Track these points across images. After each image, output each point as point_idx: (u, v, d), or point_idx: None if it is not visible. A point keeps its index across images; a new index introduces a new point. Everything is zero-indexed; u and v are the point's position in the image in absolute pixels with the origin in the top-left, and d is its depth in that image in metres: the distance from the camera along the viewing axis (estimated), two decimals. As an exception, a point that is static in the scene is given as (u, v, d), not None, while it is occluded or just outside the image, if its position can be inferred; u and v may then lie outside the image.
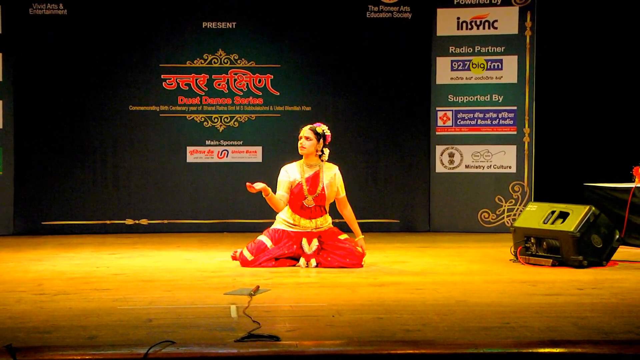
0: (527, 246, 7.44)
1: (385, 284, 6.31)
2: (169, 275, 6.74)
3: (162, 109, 10.07)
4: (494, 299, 5.66)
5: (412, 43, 10.16)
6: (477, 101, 10.18)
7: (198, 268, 7.14)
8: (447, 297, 5.69)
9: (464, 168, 10.23)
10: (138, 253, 8.19)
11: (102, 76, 9.96)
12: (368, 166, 10.24)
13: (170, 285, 6.20)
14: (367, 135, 10.23)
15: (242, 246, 7.95)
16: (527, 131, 10.10)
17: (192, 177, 10.15)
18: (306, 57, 10.16)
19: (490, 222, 10.18)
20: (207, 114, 10.12)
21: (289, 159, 9.59)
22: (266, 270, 6.96)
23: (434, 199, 10.27)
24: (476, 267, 7.26)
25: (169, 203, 10.11)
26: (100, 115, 9.99)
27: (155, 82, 10.05)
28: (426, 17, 10.15)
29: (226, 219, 10.16)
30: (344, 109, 10.19)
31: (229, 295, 5.75)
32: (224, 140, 10.15)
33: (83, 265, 7.35)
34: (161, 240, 9.25)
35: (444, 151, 10.24)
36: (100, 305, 5.39)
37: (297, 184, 7.32)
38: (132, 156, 10.06)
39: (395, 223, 10.26)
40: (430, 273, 6.89)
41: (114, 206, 10.05)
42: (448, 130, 10.23)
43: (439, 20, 10.16)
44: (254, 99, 10.15)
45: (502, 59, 10.13)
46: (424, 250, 8.46)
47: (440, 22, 10.16)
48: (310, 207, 7.30)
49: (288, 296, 5.82)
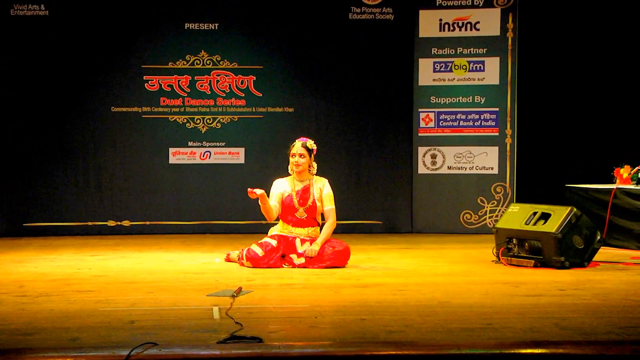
0: (509, 247, 7.46)
1: (368, 285, 6.32)
2: (151, 276, 6.73)
3: (145, 110, 10.04)
4: (477, 300, 5.67)
5: (394, 44, 10.17)
6: (459, 102, 10.20)
7: (180, 269, 7.13)
8: (429, 299, 5.70)
9: (446, 169, 10.25)
10: (120, 254, 8.16)
11: (84, 77, 9.92)
12: (351, 167, 10.25)
13: (153, 287, 6.19)
14: (350, 137, 10.23)
15: (225, 248, 7.94)
16: (509, 132, 10.14)
17: (175, 178, 10.13)
18: (289, 58, 10.15)
19: (472, 223, 10.21)
20: (189, 115, 10.10)
21: (271, 160, 9.63)
22: (249, 270, 6.96)
23: (416, 200, 10.29)
24: (458, 268, 7.28)
25: (151, 204, 10.09)
26: (83, 116, 9.95)
27: (137, 83, 10.02)
28: (408, 18, 10.16)
29: (209, 221, 10.14)
30: (326, 111, 10.19)
31: (212, 296, 5.74)
32: (207, 141, 10.13)
33: (65, 266, 7.32)
34: (143, 242, 9.22)
35: (427, 152, 10.26)
36: (83, 307, 5.37)
37: (287, 195, 7.34)
38: (114, 157, 10.03)
39: (378, 224, 10.27)
40: (412, 274, 6.90)
41: (96, 208, 10.01)
42: (430, 132, 10.24)
43: (422, 22, 10.18)
44: (236, 100, 10.14)
45: (484, 61, 10.16)
46: (407, 252, 8.48)
47: (422, 23, 10.18)
48: (302, 218, 7.34)
49: (271, 297, 5.81)
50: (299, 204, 7.31)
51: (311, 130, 9.67)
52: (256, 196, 7.21)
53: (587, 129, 10.43)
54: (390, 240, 9.47)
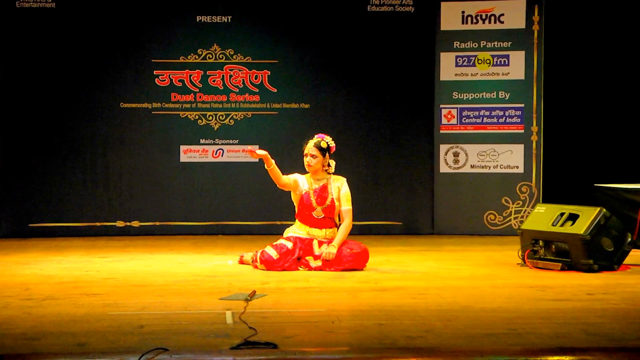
0: (535, 249, 7.45)
1: (386, 288, 6.32)
2: (162, 279, 6.75)
3: (155, 107, 10.07)
4: (500, 304, 5.66)
5: (415, 38, 10.16)
6: (483, 98, 10.18)
7: (192, 272, 7.14)
8: (451, 303, 5.70)
9: (469, 168, 10.23)
10: (129, 256, 8.19)
11: (92, 72, 9.96)
12: (369, 166, 10.25)
13: (163, 290, 6.20)
14: (368, 134, 10.23)
15: (238, 249, 7.95)
16: (535, 129, 10.11)
17: (186, 177, 10.15)
18: (305, 52, 10.16)
19: (496, 224, 10.19)
20: (201, 112, 10.12)
21: (286, 158, 9.61)
22: (263, 273, 6.96)
23: (437, 200, 10.28)
24: (482, 271, 7.27)
25: (161, 204, 10.11)
26: (90, 113, 9.99)
27: (147, 78, 10.05)
28: (429, 10, 10.15)
29: (221, 221, 10.15)
30: (343, 107, 10.19)
31: (224, 300, 5.75)
32: (219, 138, 10.15)
33: (72, 269, 7.35)
34: (153, 243, 9.25)
35: (449, 150, 10.25)
36: (90, 310, 5.39)
37: (305, 193, 7.34)
38: (123, 155, 10.06)
39: (398, 225, 10.26)
40: (433, 277, 6.89)
41: (104, 208, 10.05)
42: (452, 129, 10.23)
43: (443, 14, 10.17)
44: (250, 95, 10.15)
45: (508, 55, 10.13)
46: (427, 254, 8.47)
47: (444, 15, 10.17)
48: (319, 218, 7.34)
49: (286, 301, 5.82)
50: (317, 202, 7.31)
51: (328, 127, 9.67)
52: (257, 157, 7.18)
53: (616, 126, 10.39)
54: (410, 242, 9.46)
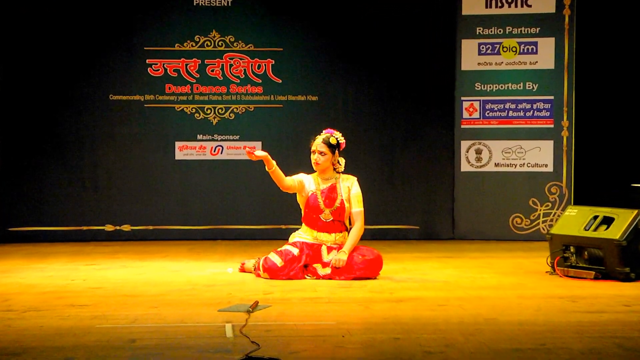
0: (566, 256, 7.43)
1: (402, 299, 6.31)
2: (155, 289, 6.75)
3: (147, 99, 10.08)
4: (528, 316, 5.65)
5: (434, 23, 10.15)
6: (508, 90, 10.17)
7: (188, 281, 7.15)
8: (473, 315, 5.69)
9: (493, 166, 10.22)
10: (119, 264, 8.19)
11: (78, 61, 9.96)
12: (383, 165, 10.24)
13: (157, 301, 6.21)
14: (382, 129, 10.22)
15: (239, 256, 7.94)
16: (565, 124, 10.09)
17: (182, 176, 10.16)
18: (313, 39, 10.16)
19: (523, 228, 10.17)
20: (198, 105, 10.13)
21: (292, 156, 9.61)
22: (267, 282, 6.96)
23: (458, 202, 10.27)
24: (507, 280, 7.26)
25: (154, 206, 10.12)
26: (76, 105, 10.00)
27: (139, 67, 10.06)
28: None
29: (220, 225, 10.16)
30: (355, 99, 10.18)
31: (224, 312, 5.75)
32: (218, 134, 10.16)
33: (56, 277, 7.35)
34: (146, 249, 9.25)
35: (470, 147, 10.24)
36: (77, 323, 5.40)
37: (311, 194, 7.31)
38: (112, 153, 10.07)
39: (415, 230, 10.25)
40: (454, 287, 6.89)
41: (92, 210, 10.05)
42: (475, 123, 10.22)
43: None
44: (252, 87, 10.16)
45: (537, 42, 10.12)
46: (448, 261, 8.46)
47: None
48: (328, 221, 7.31)
49: (292, 313, 5.82)
50: (325, 204, 7.29)
51: (338, 122, 9.66)
52: (256, 158, 7.16)
53: (656, 120, 10.38)
54: (428, 248, 9.45)
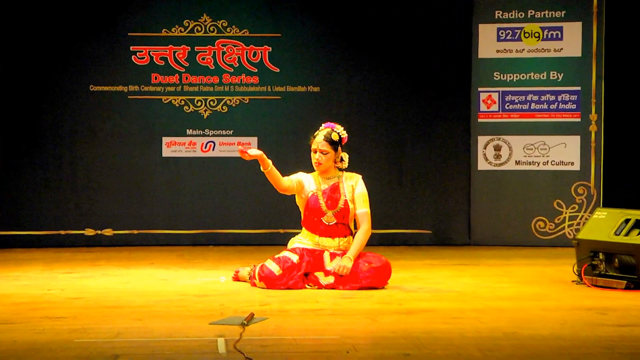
0: (594, 264, 7.42)
1: (413, 311, 6.31)
2: (141, 299, 6.75)
3: (132, 90, 10.09)
4: (552, 330, 5.66)
5: (448, 7, 10.15)
6: (531, 80, 10.17)
7: (177, 291, 7.15)
8: (492, 329, 5.69)
9: (513, 165, 10.22)
10: (101, 272, 8.19)
11: (55, 49, 9.97)
12: (392, 163, 10.24)
13: (142, 313, 6.21)
14: (391, 124, 10.22)
15: (233, 263, 7.94)
16: (593, 118, 10.09)
17: (170, 175, 10.16)
18: (314, 24, 10.16)
19: (547, 233, 10.17)
20: (188, 96, 10.13)
21: (290, 153, 9.62)
22: (263, 292, 6.96)
23: (475, 204, 10.27)
24: (529, 290, 7.26)
25: (139, 209, 10.13)
26: (53, 98, 10.01)
27: (122, 55, 10.06)
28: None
29: (212, 229, 10.16)
30: (361, 90, 10.18)
31: (216, 325, 5.75)
32: (210, 129, 10.16)
33: (31, 287, 7.35)
34: (130, 256, 9.25)
35: (489, 143, 10.24)
36: (54, 337, 5.40)
37: (312, 195, 7.29)
38: (93, 149, 10.08)
39: (426, 234, 10.25)
40: (470, 298, 6.89)
41: (71, 213, 10.06)
42: (493, 117, 10.22)
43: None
44: (247, 77, 10.16)
45: (562, 27, 10.12)
46: (463, 269, 8.46)
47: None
48: (330, 225, 7.29)
49: (291, 326, 5.82)
50: (327, 206, 7.27)
51: (341, 115, 9.67)
52: (250, 158, 7.12)
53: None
54: (441, 255, 9.44)
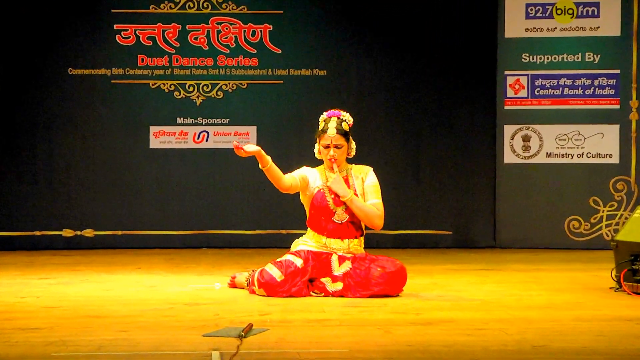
0: (635, 269, 7.42)
1: (432, 321, 6.31)
2: (125, 309, 6.76)
3: (115, 73, 10.09)
4: (587, 343, 5.66)
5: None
6: (563, 62, 10.16)
7: (166, 299, 7.16)
8: (519, 341, 5.70)
9: (544, 157, 10.22)
10: (81, 277, 8.20)
11: (31, 27, 9.97)
12: (408, 156, 10.23)
13: (127, 324, 6.22)
14: (406, 112, 10.21)
15: (229, 268, 7.94)
16: (634, 105, 10.08)
17: (158, 169, 10.17)
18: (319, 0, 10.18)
19: (581, 234, 10.17)
20: (178, 81, 10.13)
21: (294, 143, 9.61)
22: (263, 300, 6.96)
23: (501, 202, 10.26)
24: (561, 298, 7.26)
25: (124, 207, 10.13)
26: (29, 82, 10.01)
27: (105, 35, 10.07)
28: (490, -58, 10.17)
29: (206, 230, 10.17)
30: (372, 74, 10.18)
31: (210, 337, 5.76)
32: (203, 117, 10.16)
33: (3, 294, 7.37)
34: (113, 260, 9.26)
35: (516, 133, 10.23)
36: (28, 351, 5.41)
37: (317, 191, 7.28)
38: (72, 140, 10.08)
39: (447, 236, 10.25)
40: (495, 307, 6.89)
41: (47, 211, 10.07)
42: (522, 104, 10.21)
43: (509, -53, 10.19)
44: (245, 59, 10.16)
45: (598, 2, 10.11)
46: (487, 275, 8.46)
47: (510, -51, 10.19)
48: (340, 224, 7.27)
49: (294, 338, 5.82)
50: (335, 202, 7.26)
51: (351, 102, 9.67)
52: (246, 154, 7.08)
53: None
54: (463, 259, 9.45)
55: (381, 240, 9.85)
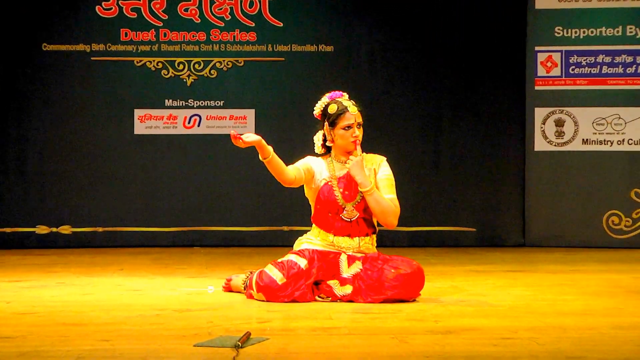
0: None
1: (453, 330, 6.31)
2: (107, 315, 6.76)
3: (96, 50, 10.09)
4: (629, 354, 5.65)
5: (496, -57, 10.17)
6: (602, 37, 10.15)
7: (153, 304, 7.16)
8: (552, 352, 5.69)
9: (579, 144, 10.21)
10: (57, 280, 8.21)
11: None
12: (425, 143, 10.24)
13: (109, 332, 6.22)
14: (423, 93, 10.22)
15: (224, 269, 7.95)
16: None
17: (144, 158, 10.18)
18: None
19: (622, 231, 10.16)
20: (167, 58, 10.14)
21: (297, 129, 9.60)
22: (263, 306, 6.96)
23: (531, 195, 10.26)
24: (599, 303, 7.26)
25: (106, 200, 10.14)
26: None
27: (84, 5, 10.07)
28: None
29: (198, 226, 10.18)
30: (384, 50, 10.18)
31: (203, 347, 5.76)
32: (195, 99, 10.17)
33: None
34: (94, 260, 9.27)
35: (549, 117, 10.23)
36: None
37: (324, 184, 7.26)
38: (47, 125, 10.09)
39: (470, 233, 10.25)
40: (525, 313, 6.89)
41: (18, 205, 10.08)
42: (555, 84, 10.21)
43: None
44: (242, 33, 10.16)
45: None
46: (516, 277, 8.46)
47: None
48: (349, 221, 7.26)
49: (298, 349, 5.82)
50: (345, 197, 7.24)
51: (360, 81, 9.68)
52: (245, 145, 7.00)
53: None
54: (488, 259, 9.45)
55: (396, 238, 9.86)
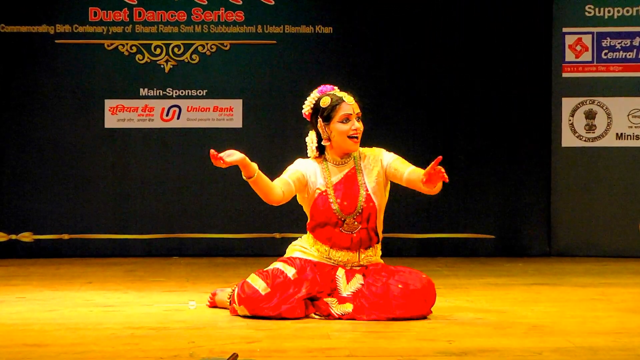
0: None
1: (468, 351, 6.34)
2: (74, 335, 6.79)
3: (61, 31, 10.12)
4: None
5: None
6: (639, 17, 10.18)
7: (126, 322, 7.19)
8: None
9: (613, 140, 10.24)
10: (16, 294, 8.24)
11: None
12: (436, 138, 10.26)
13: (77, 354, 6.25)
14: (434, 81, 10.24)
15: (207, 283, 8.00)
16: None
17: (115, 155, 10.21)
18: None
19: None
20: (141, 41, 10.16)
21: (290, 122, 9.63)
22: (250, 324, 6.99)
23: (558, 198, 10.29)
24: (635, 321, 7.29)
25: (72, 204, 10.16)
26: (-52, 42, 10.08)
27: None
28: None
29: (177, 234, 10.20)
30: (389, 33, 10.20)
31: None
32: (174, 88, 10.19)
33: None
34: (59, 272, 9.29)
35: (578, 108, 10.26)
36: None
37: (319, 195, 7.25)
38: (5, 118, 10.12)
39: (488, 241, 10.28)
40: (550, 332, 6.92)
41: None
42: (585, 70, 10.24)
43: None
44: (228, 12, 10.18)
45: (686, -62, 10.16)
46: (540, 291, 8.49)
47: None
48: (349, 234, 7.26)
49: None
50: (343, 208, 7.23)
51: (363, 67, 9.72)
52: (227, 165, 6.92)
53: None
54: (509, 270, 9.48)
55: (404, 246, 9.90)
